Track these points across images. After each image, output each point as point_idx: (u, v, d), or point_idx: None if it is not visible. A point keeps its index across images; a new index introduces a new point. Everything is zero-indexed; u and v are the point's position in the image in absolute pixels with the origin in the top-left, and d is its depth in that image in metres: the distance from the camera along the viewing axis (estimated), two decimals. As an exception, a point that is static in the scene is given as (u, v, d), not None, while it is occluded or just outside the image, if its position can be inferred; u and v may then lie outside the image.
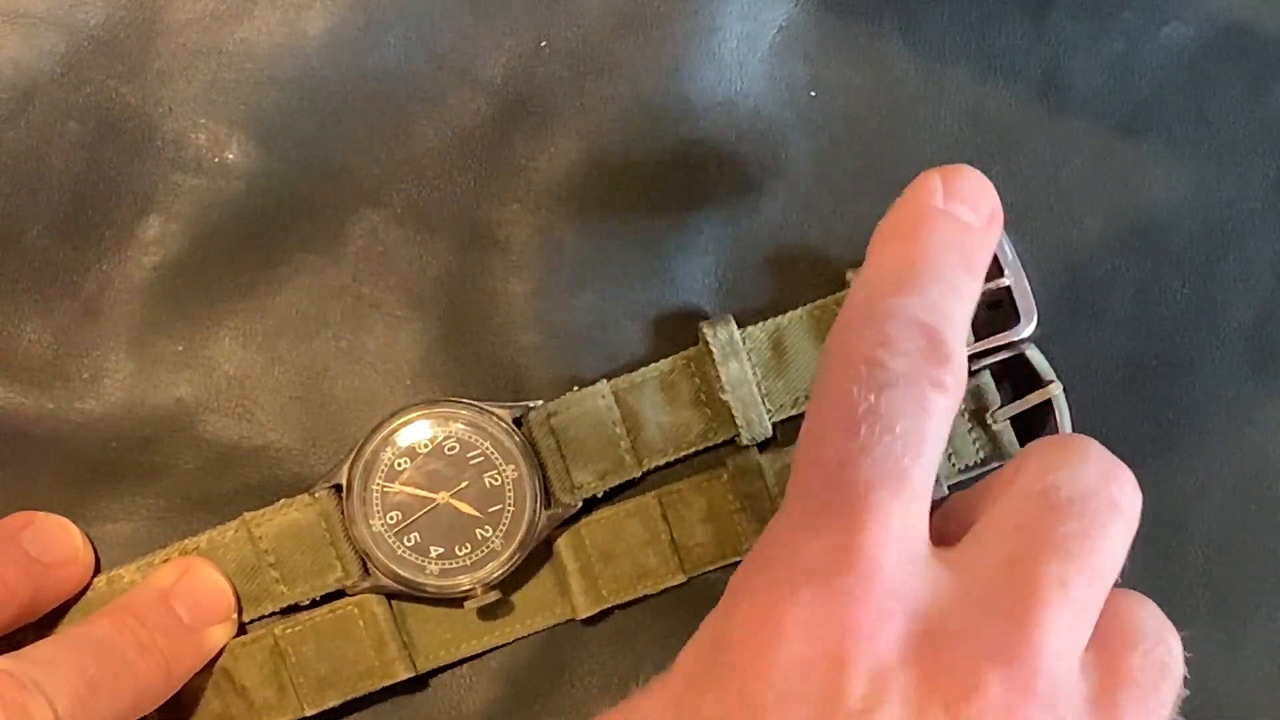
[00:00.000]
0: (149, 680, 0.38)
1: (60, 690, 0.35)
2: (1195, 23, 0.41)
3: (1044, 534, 0.29)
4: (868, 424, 0.29)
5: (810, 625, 0.28)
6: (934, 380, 0.30)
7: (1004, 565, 0.29)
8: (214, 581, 0.40)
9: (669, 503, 0.40)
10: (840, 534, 0.29)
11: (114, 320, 0.41)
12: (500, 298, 0.41)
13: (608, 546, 0.40)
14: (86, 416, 0.41)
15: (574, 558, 0.40)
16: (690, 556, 0.40)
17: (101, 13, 0.41)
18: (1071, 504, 0.30)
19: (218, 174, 0.41)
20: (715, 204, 0.41)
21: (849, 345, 0.31)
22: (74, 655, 0.36)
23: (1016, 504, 0.30)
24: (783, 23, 0.41)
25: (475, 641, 0.41)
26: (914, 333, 0.30)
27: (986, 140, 0.41)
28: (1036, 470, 0.31)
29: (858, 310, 0.32)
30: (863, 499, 0.29)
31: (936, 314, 0.31)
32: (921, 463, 0.30)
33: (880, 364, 0.30)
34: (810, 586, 0.28)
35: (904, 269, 0.32)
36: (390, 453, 0.39)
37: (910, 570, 0.29)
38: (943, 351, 0.30)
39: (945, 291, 0.32)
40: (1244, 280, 0.41)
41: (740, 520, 0.40)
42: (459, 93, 0.41)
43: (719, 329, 0.39)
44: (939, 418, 0.30)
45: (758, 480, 0.40)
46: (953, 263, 0.32)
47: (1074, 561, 0.29)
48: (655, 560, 0.40)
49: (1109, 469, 0.31)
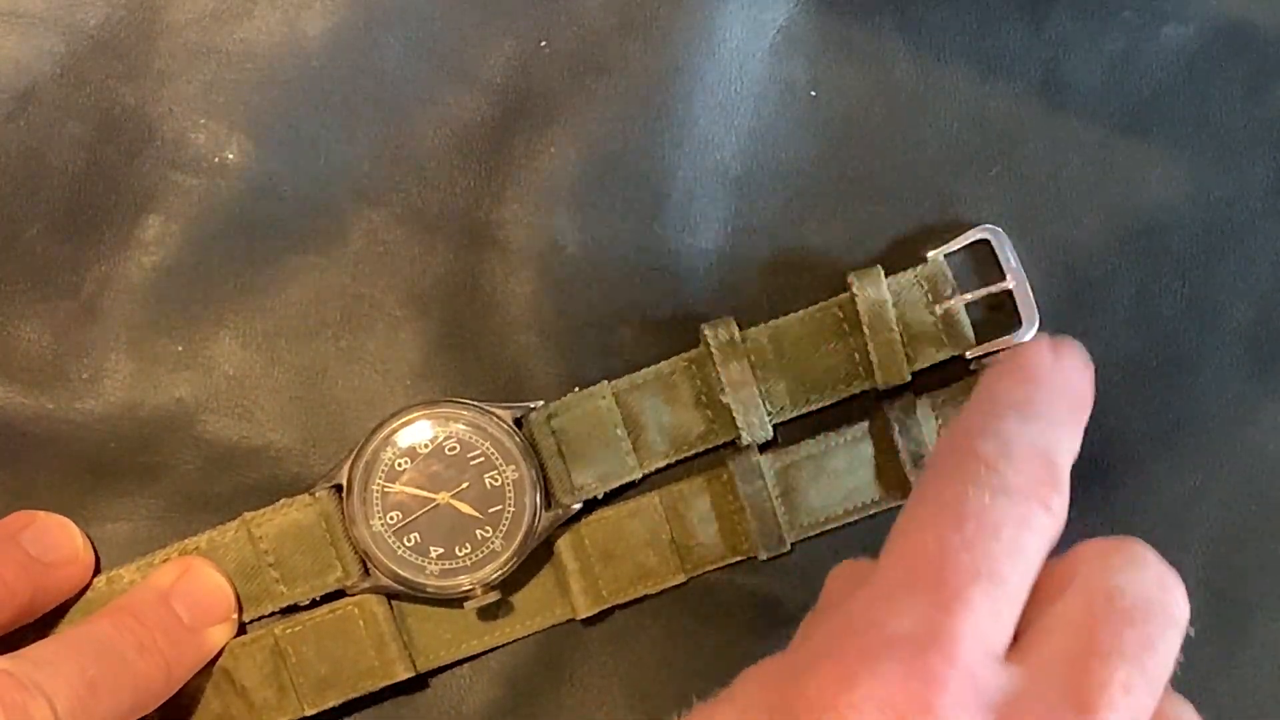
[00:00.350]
0: (149, 680, 0.38)
1: (60, 690, 0.35)
2: (1195, 22, 0.41)
3: (1111, 637, 0.30)
4: (975, 522, 0.31)
5: (888, 701, 0.28)
6: (1044, 501, 0.32)
7: (1073, 664, 0.30)
8: (214, 581, 0.40)
9: (669, 503, 0.40)
10: (929, 618, 0.29)
11: (113, 320, 0.41)
12: (500, 298, 0.41)
13: (608, 546, 0.40)
14: (86, 416, 0.41)
15: (574, 557, 0.40)
16: (690, 556, 0.41)
17: (101, 13, 0.41)
18: (1135, 609, 0.31)
19: (217, 174, 0.41)
20: (715, 204, 0.41)
21: (970, 448, 0.32)
22: (74, 655, 0.36)
23: (1081, 603, 0.31)
24: (783, 23, 0.41)
25: (475, 641, 0.41)
26: (1033, 456, 0.32)
27: (986, 140, 0.41)
28: (1097, 571, 0.32)
29: (979, 421, 0.33)
30: (956, 590, 0.30)
31: (1053, 446, 0.33)
32: (1018, 572, 0.31)
33: (999, 471, 0.32)
34: (893, 662, 0.29)
35: (1025, 400, 0.34)
36: (391, 453, 0.39)
37: (988, 665, 0.29)
38: (1057, 479, 0.32)
39: (1060, 431, 0.34)
40: (1244, 280, 0.41)
41: (741, 520, 0.40)
42: (459, 93, 0.41)
43: (720, 330, 0.39)
44: (1041, 536, 0.31)
45: (758, 480, 0.40)
46: (1065, 410, 0.35)
47: (1138, 666, 0.30)
48: (655, 560, 0.40)
49: (1164, 576, 0.32)
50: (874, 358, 0.40)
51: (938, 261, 0.40)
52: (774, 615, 0.41)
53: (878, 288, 0.39)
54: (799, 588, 0.41)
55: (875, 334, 0.39)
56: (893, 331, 0.39)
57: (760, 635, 0.41)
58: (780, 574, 0.41)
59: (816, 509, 0.40)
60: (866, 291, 0.39)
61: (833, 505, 0.40)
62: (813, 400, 0.40)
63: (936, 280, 0.40)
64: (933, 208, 0.41)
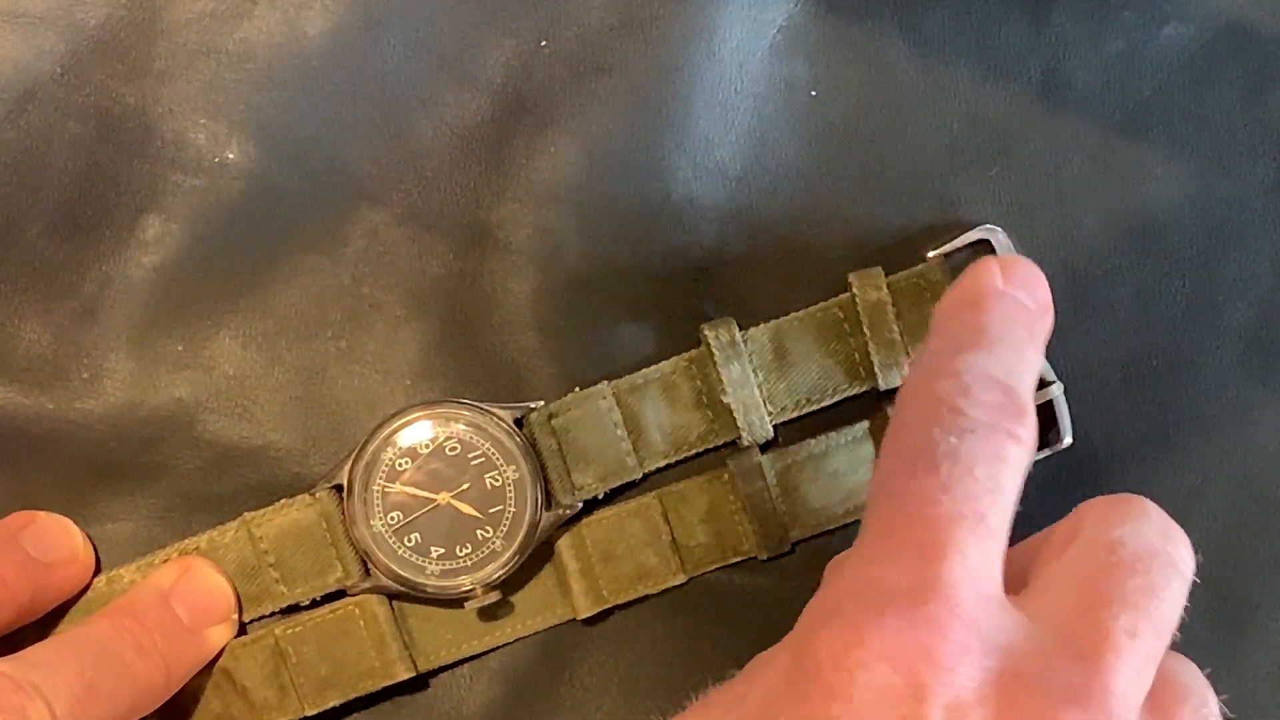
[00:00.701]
0: (148, 681, 0.38)
1: (59, 693, 0.35)
2: (1195, 23, 0.41)
3: (1113, 586, 0.30)
4: (948, 464, 0.30)
5: (895, 652, 0.28)
6: (1010, 431, 0.31)
7: (1075, 613, 0.30)
8: (214, 582, 0.40)
9: (670, 503, 0.40)
10: (921, 566, 0.29)
11: (114, 320, 0.41)
12: (500, 298, 0.41)
13: (609, 546, 0.40)
14: (86, 416, 0.41)
15: (575, 558, 0.40)
16: (691, 557, 0.41)
17: (101, 13, 0.41)
18: (1138, 559, 0.31)
19: (218, 174, 0.41)
20: (715, 204, 0.41)
21: (929, 392, 0.32)
22: (72, 657, 0.36)
23: (1083, 556, 0.31)
24: (783, 23, 0.41)
25: (476, 642, 0.41)
26: (991, 386, 0.32)
27: (986, 140, 0.41)
28: (1099, 525, 0.32)
29: (934, 361, 0.33)
30: (943, 534, 0.30)
31: (1011, 373, 0.33)
32: (998, 508, 0.31)
33: (961, 411, 0.31)
34: (894, 613, 0.29)
35: (977, 332, 0.34)
36: (391, 453, 0.39)
37: (985, 609, 0.29)
38: (1018, 405, 0.32)
39: (1016, 355, 0.33)
40: (1244, 280, 0.41)
41: (741, 521, 0.40)
42: (459, 93, 0.41)
43: (720, 330, 0.39)
44: (1014, 467, 0.31)
45: (759, 480, 0.40)
46: (1020, 332, 0.34)
47: (1141, 614, 0.30)
48: (656, 560, 0.40)
49: (1167, 528, 0.32)
50: (875, 358, 0.40)
51: (938, 261, 0.40)
52: (774, 615, 0.41)
53: (878, 287, 0.39)
54: (799, 588, 0.41)
55: (876, 334, 0.39)
56: (893, 331, 0.40)
57: (760, 635, 0.41)
58: (780, 574, 0.41)
59: (817, 509, 0.40)
60: (867, 291, 0.39)
61: (833, 505, 0.40)
62: (813, 400, 0.40)
63: (937, 280, 0.40)
64: (933, 208, 0.41)
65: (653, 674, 0.41)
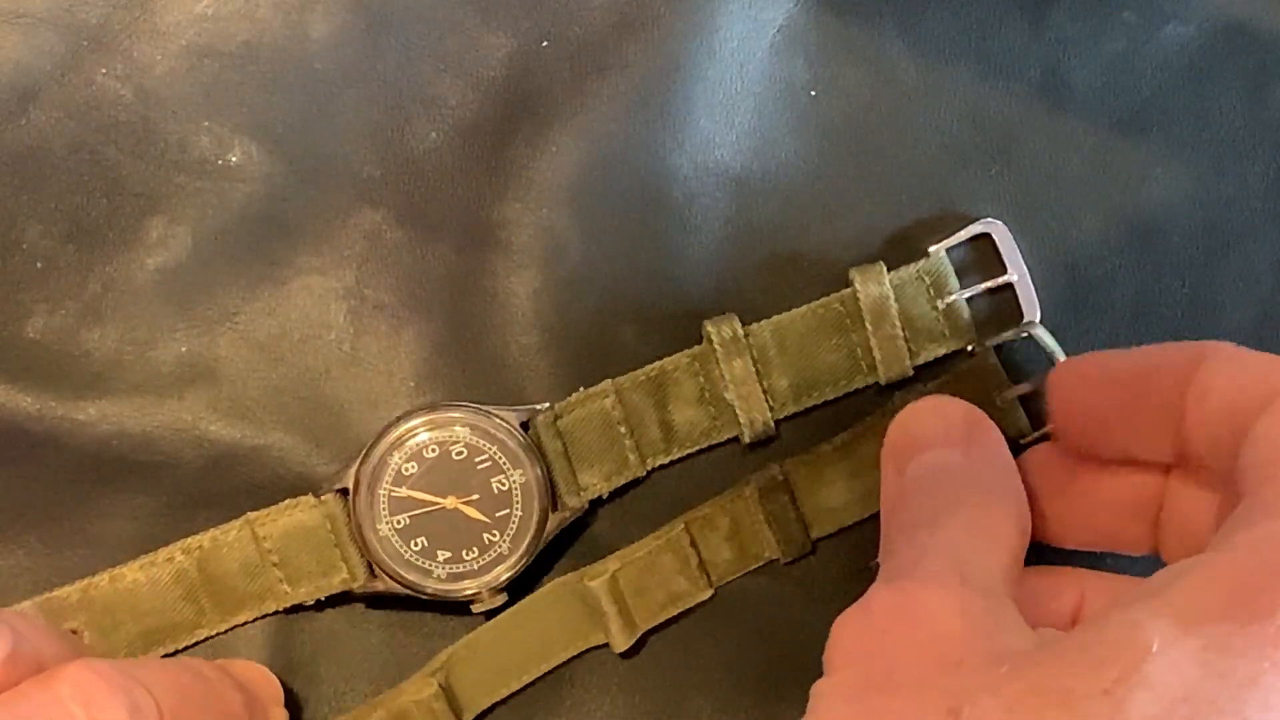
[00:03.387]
0: (231, 710, 0.37)
1: (163, 693, 0.34)
2: (1195, 23, 0.41)
3: None
4: None
5: None
6: None
7: None
8: (259, 670, 0.40)
9: (696, 529, 0.40)
10: None
11: (117, 320, 0.41)
12: (502, 298, 0.41)
13: (641, 583, 0.40)
14: (89, 415, 0.41)
15: (610, 601, 0.40)
16: (716, 571, 0.41)
17: (101, 13, 0.40)
18: None
19: (221, 177, 0.40)
20: (715, 204, 0.41)
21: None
22: (173, 671, 0.35)
23: None
24: (783, 23, 0.41)
25: (514, 681, 0.41)
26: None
27: (986, 140, 0.41)
28: None
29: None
30: None
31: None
32: None
33: None
34: None
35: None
36: (398, 457, 0.39)
37: None
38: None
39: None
40: (1244, 280, 0.41)
41: (763, 529, 0.40)
42: (460, 93, 0.41)
43: (723, 327, 0.40)
44: None
45: (784, 495, 0.40)
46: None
47: None
48: (686, 585, 0.41)
49: None
50: (877, 353, 0.40)
51: (939, 256, 0.40)
52: (778, 617, 0.41)
53: (880, 283, 0.40)
54: (802, 589, 0.41)
55: (877, 329, 0.40)
56: (895, 326, 0.40)
57: (763, 636, 0.41)
58: (783, 576, 0.41)
59: (836, 509, 0.41)
60: (869, 286, 0.40)
61: (852, 504, 0.40)
62: (815, 396, 0.40)
63: (938, 274, 0.40)
64: (932, 208, 0.41)
65: (652, 675, 0.41)
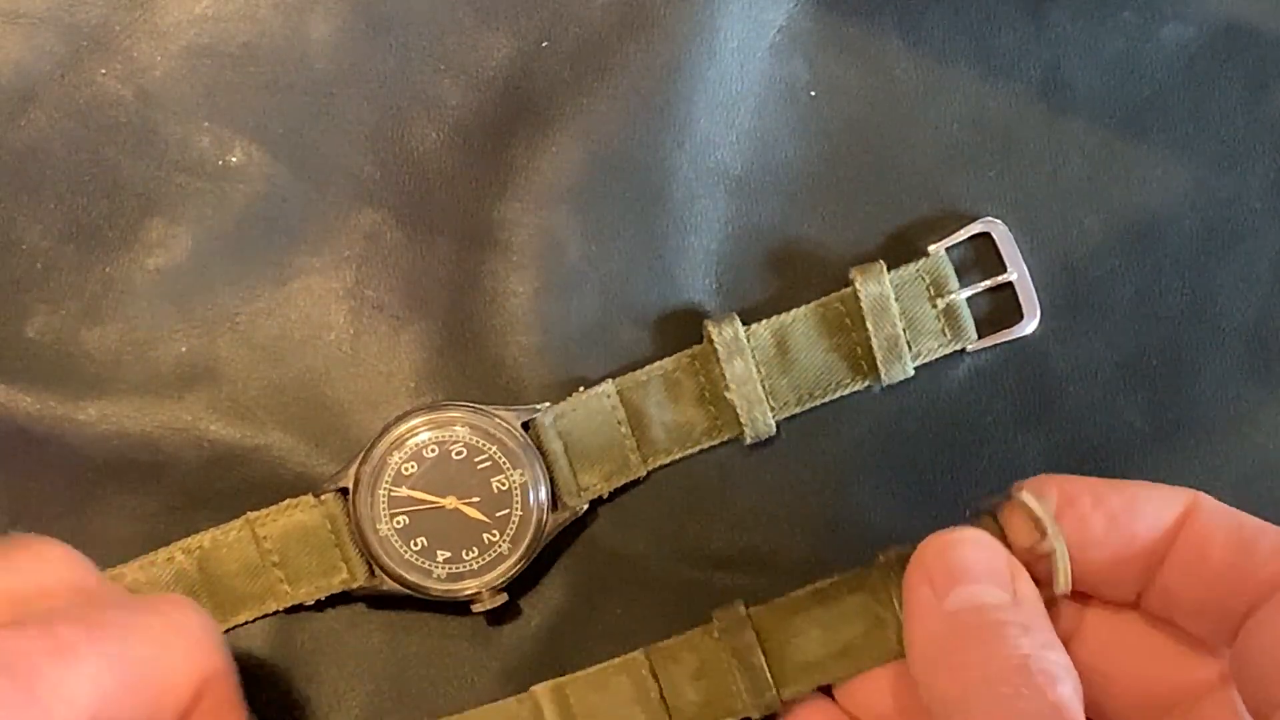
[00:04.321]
0: None
1: None
2: (1195, 23, 0.41)
3: None
4: None
5: None
6: None
7: None
8: None
9: (658, 660, 0.39)
10: None
11: (117, 321, 0.41)
12: (502, 298, 0.41)
13: (592, 705, 0.39)
14: (89, 416, 0.41)
15: (557, 714, 0.39)
16: (681, 716, 0.39)
17: (101, 13, 0.40)
18: None
19: (221, 177, 0.41)
20: (715, 204, 0.41)
21: None
22: None
23: None
24: (783, 23, 0.41)
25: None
26: None
27: (986, 140, 0.41)
28: None
29: None
30: None
31: None
32: None
33: None
34: None
35: None
36: (398, 457, 0.39)
37: None
38: None
39: None
40: (1244, 280, 0.41)
41: (736, 679, 0.38)
42: (460, 93, 0.41)
43: (724, 326, 0.40)
44: None
45: (747, 632, 0.38)
46: None
47: None
48: (644, 718, 0.39)
49: None
50: (877, 353, 0.40)
51: (939, 255, 0.40)
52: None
53: (880, 282, 0.40)
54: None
55: (878, 328, 0.40)
56: (896, 326, 0.40)
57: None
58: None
59: (809, 663, 0.38)
60: (869, 285, 0.40)
61: (826, 661, 0.37)
62: (816, 396, 0.40)
63: (938, 274, 0.40)
64: (932, 208, 0.41)
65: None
